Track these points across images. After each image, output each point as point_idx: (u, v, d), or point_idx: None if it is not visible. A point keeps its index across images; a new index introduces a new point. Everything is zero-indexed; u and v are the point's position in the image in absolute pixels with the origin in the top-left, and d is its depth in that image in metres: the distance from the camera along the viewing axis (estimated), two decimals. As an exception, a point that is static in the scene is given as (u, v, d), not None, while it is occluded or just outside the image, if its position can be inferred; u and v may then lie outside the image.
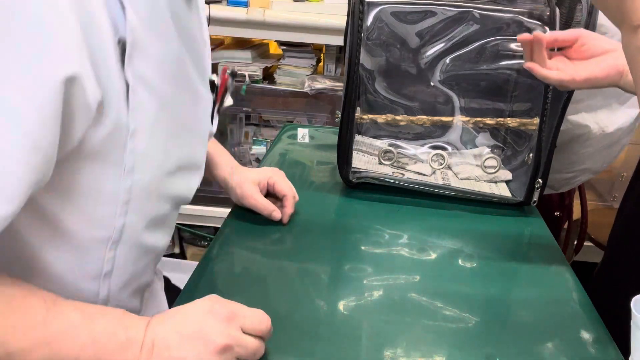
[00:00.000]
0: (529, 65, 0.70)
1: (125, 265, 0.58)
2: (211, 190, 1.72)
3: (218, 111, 0.72)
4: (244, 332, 0.53)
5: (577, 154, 1.12)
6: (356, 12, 0.84)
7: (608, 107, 1.08)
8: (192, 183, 0.65)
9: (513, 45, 0.91)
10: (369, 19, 0.90)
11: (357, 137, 0.98)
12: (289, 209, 0.82)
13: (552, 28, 0.83)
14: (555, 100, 0.84)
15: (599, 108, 1.08)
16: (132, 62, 0.48)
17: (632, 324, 0.50)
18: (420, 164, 0.97)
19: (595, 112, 1.08)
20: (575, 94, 0.84)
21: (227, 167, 0.85)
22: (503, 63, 0.92)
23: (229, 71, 0.72)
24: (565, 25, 0.85)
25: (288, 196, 0.83)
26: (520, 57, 0.91)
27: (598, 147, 1.11)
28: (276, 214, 0.82)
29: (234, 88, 0.74)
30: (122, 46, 0.47)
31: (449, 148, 0.99)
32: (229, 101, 0.77)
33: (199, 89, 0.62)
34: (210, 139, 0.74)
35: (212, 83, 0.68)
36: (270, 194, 0.85)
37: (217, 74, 0.69)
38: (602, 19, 0.89)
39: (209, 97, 0.66)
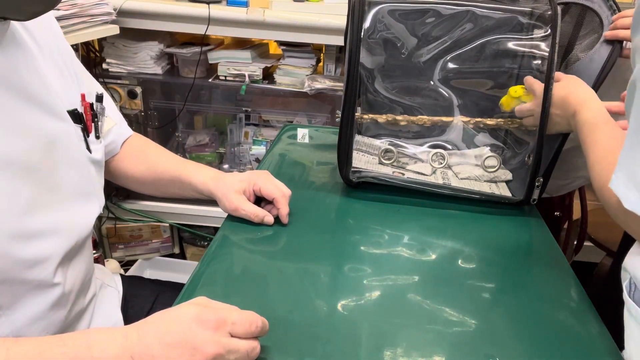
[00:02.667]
0: None
1: (14, 302, 0.58)
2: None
3: (97, 137, 0.73)
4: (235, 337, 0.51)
5: (574, 163, 1.12)
6: (356, 12, 0.84)
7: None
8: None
9: (513, 45, 0.91)
10: (369, 18, 0.90)
11: (357, 137, 0.98)
12: (283, 209, 0.82)
13: (554, 28, 0.83)
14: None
15: None
16: None
17: (625, 310, 0.50)
18: (421, 163, 0.97)
19: None
20: None
21: (208, 179, 0.84)
22: (503, 62, 0.92)
23: (92, 96, 0.73)
24: (572, 38, 0.85)
25: (277, 198, 0.82)
26: (521, 57, 0.91)
27: None
28: (268, 219, 0.81)
29: (101, 109, 0.75)
30: None
31: (449, 147, 0.99)
32: (109, 122, 0.80)
33: (43, 127, 0.61)
34: (97, 165, 0.73)
35: (74, 114, 0.68)
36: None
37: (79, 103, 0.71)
38: None
39: (66, 129, 0.66)
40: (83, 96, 0.71)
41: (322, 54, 1.86)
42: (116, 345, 0.49)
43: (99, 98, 0.75)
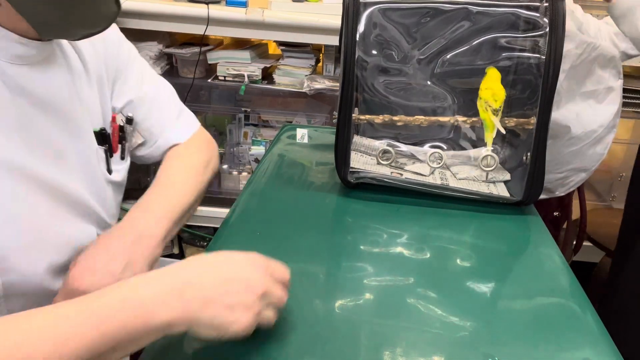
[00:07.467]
0: None
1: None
2: (210, 190, 1.72)
3: (122, 157, 0.73)
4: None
5: (562, 154, 1.13)
6: (350, 12, 0.84)
7: (587, 106, 1.10)
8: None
9: (510, 42, 0.91)
10: (364, 19, 0.89)
11: (356, 138, 0.98)
12: None
13: (553, 23, 0.83)
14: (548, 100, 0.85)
15: (579, 108, 1.09)
16: None
17: None
18: (419, 164, 0.97)
19: (576, 112, 1.09)
20: (555, 97, 0.85)
21: None
22: (500, 61, 0.92)
23: (119, 118, 0.73)
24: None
25: None
26: (519, 52, 0.91)
27: (582, 146, 1.12)
28: None
29: (131, 133, 0.75)
30: None
31: (445, 147, 0.99)
32: (137, 139, 0.78)
33: (61, 147, 0.62)
34: (116, 186, 0.74)
35: (101, 134, 0.69)
36: None
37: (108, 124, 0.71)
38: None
39: (88, 150, 0.66)
40: (114, 118, 0.72)
41: (321, 54, 1.86)
42: (168, 282, 0.49)
43: (129, 120, 0.75)
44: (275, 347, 0.57)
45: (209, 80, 1.77)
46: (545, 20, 0.84)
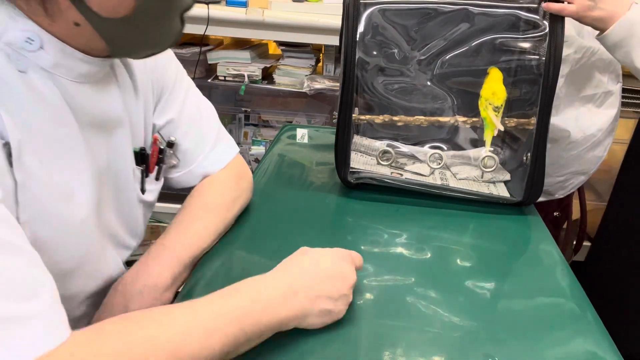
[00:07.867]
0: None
1: None
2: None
3: (157, 178, 0.73)
4: None
5: (562, 158, 1.13)
6: (350, 12, 0.85)
7: (586, 111, 1.10)
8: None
9: (510, 43, 0.91)
10: (364, 19, 0.90)
11: (356, 138, 0.98)
12: None
13: (553, 23, 0.83)
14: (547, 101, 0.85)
15: (578, 113, 1.09)
16: (21, 161, 0.48)
17: None
18: (419, 164, 0.97)
19: (575, 116, 1.09)
20: (554, 102, 0.85)
21: None
22: (500, 61, 0.92)
23: (160, 141, 0.73)
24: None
25: None
26: (519, 53, 0.91)
27: (582, 150, 1.12)
28: None
29: (170, 155, 0.75)
30: (7, 148, 0.47)
31: (445, 147, 0.99)
32: (172, 160, 0.77)
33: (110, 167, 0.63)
34: (147, 206, 0.74)
35: (141, 154, 0.69)
36: None
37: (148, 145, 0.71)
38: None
39: (127, 168, 0.67)
40: (155, 139, 0.72)
41: (321, 54, 1.87)
42: (282, 285, 0.57)
43: (170, 144, 0.74)
44: (276, 347, 0.57)
45: (209, 80, 1.77)
46: (545, 22, 0.85)
